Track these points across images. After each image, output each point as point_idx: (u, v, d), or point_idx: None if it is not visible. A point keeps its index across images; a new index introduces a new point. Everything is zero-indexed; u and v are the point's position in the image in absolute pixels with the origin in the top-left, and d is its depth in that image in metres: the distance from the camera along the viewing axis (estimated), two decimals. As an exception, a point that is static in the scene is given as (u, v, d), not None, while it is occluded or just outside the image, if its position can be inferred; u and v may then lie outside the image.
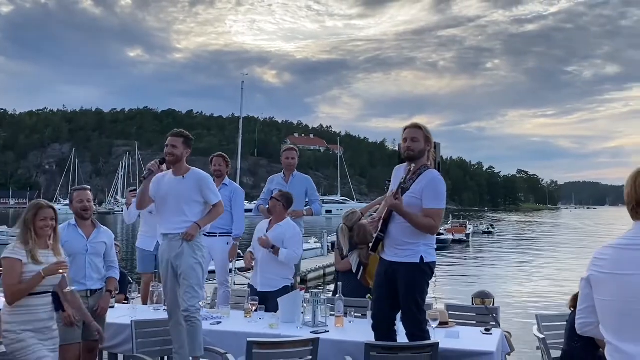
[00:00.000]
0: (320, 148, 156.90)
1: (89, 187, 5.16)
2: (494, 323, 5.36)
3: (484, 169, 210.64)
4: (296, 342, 4.11)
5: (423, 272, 4.32)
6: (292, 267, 5.83)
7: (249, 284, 6.05)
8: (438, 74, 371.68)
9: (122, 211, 5.16)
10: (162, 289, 5.91)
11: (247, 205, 7.30)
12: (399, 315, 4.51)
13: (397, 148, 5.80)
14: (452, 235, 38.29)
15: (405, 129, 4.45)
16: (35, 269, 3.87)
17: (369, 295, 5.40)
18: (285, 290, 5.69)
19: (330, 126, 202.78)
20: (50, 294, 3.99)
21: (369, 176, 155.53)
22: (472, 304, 6.42)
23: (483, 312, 5.60)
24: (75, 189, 5.07)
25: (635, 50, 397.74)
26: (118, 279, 5.17)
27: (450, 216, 49.33)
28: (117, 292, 6.04)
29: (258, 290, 5.58)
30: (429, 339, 4.24)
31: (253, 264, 5.91)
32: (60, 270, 3.93)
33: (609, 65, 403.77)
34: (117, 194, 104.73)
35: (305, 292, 5.52)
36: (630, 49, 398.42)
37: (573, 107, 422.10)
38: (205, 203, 4.83)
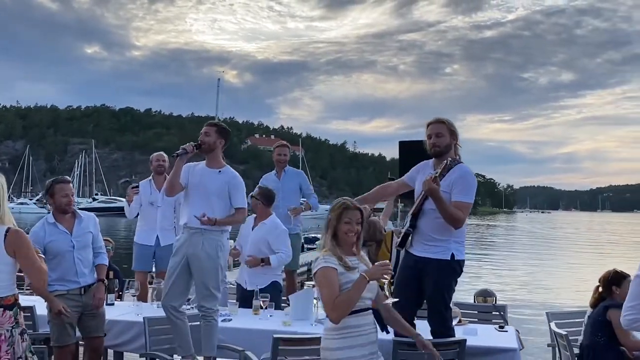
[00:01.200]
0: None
1: (69, 179, 4.81)
2: (502, 321, 5.37)
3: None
4: (320, 338, 4.00)
5: (453, 269, 4.26)
6: None
7: (236, 282, 5.92)
8: (398, 78, 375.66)
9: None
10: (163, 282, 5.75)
11: None
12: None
13: (354, 149, 5.85)
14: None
15: (429, 124, 4.38)
16: (351, 278, 3.20)
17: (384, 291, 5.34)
18: (274, 286, 5.60)
19: (291, 127, 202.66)
20: (370, 310, 3.33)
21: (330, 178, 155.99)
22: (475, 302, 6.45)
23: (491, 310, 5.61)
24: (56, 181, 4.62)
25: (590, 59, 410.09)
26: (107, 265, 4.84)
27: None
28: (116, 288, 5.82)
29: (247, 288, 5.46)
30: (453, 336, 4.20)
31: (239, 259, 5.84)
32: (385, 274, 3.23)
33: (564, 73, 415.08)
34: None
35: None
36: (584, 57, 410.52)
37: (529, 113, 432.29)
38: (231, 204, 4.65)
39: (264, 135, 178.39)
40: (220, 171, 4.66)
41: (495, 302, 6.27)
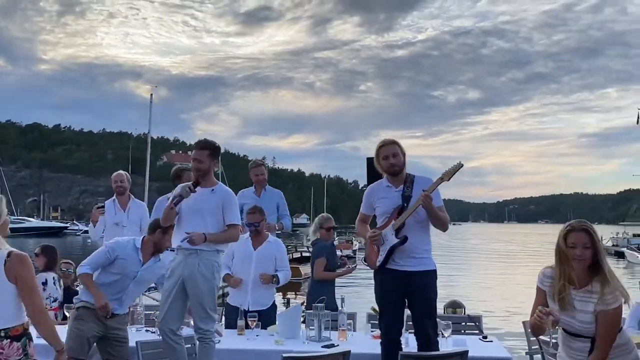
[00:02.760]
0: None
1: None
2: (477, 331, 5.51)
3: (360, 187, 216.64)
4: (328, 356, 4.02)
5: (436, 279, 4.48)
6: None
7: (227, 303, 5.78)
8: (315, 94, 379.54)
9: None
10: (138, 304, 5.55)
11: None
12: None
13: (274, 165, 6.17)
14: (341, 251, 39.24)
15: (382, 146, 4.51)
16: (557, 309, 2.98)
17: (373, 307, 5.37)
18: (274, 306, 5.60)
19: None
20: (586, 338, 3.07)
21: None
22: (444, 313, 6.57)
23: (466, 321, 5.74)
24: (172, 225, 4.57)
25: (494, 77, 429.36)
26: None
27: (335, 233, 50.23)
28: None
29: (250, 309, 5.32)
30: (438, 346, 4.34)
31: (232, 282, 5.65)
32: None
33: (471, 91, 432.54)
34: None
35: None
36: (489, 76, 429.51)
37: (439, 130, 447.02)
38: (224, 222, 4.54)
39: (180, 151, 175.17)
40: (213, 190, 4.53)
41: (464, 313, 6.43)
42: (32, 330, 3.23)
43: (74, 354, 4.25)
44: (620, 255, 44.59)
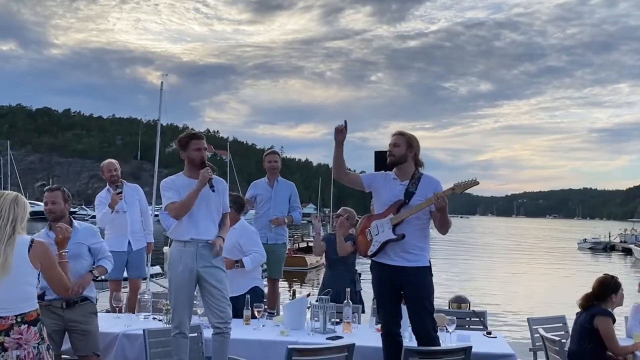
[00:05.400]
0: (208, 153, 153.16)
1: (60, 187, 4.62)
2: (481, 326, 5.52)
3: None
4: (333, 348, 4.04)
5: (431, 275, 4.49)
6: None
7: None
8: (325, 84, 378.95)
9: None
10: (146, 295, 5.61)
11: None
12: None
13: (282, 154, 6.71)
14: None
15: (392, 136, 4.58)
16: None
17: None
18: (254, 291, 5.54)
19: (218, 131, 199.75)
20: None
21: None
22: (449, 308, 6.60)
23: (471, 316, 5.75)
24: (46, 189, 4.60)
25: (507, 70, 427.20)
26: (107, 268, 4.65)
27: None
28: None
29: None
30: (438, 342, 4.34)
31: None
32: None
33: (483, 83, 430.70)
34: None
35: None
36: (502, 69, 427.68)
37: (449, 121, 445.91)
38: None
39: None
40: None
41: (469, 308, 6.45)
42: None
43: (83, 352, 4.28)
44: (628, 252, 44.45)
